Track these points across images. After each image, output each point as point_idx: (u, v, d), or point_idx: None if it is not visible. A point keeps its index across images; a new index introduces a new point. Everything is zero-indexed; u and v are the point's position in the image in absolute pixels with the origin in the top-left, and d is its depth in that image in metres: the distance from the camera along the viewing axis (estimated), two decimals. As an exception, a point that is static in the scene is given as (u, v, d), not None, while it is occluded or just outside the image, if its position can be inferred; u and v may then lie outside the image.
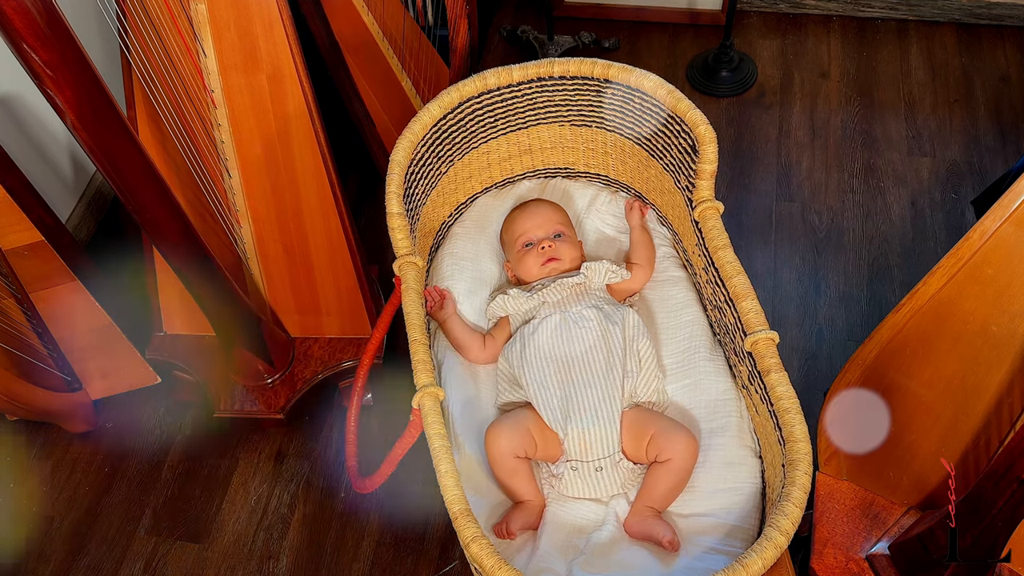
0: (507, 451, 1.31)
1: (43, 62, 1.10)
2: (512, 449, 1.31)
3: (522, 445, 1.32)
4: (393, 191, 1.44)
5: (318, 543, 1.76)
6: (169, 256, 1.51)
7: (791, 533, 1.09)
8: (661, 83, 1.47)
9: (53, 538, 1.80)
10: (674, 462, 1.29)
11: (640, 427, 1.33)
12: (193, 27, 1.64)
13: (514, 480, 1.32)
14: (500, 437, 1.32)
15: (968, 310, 1.37)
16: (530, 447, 1.33)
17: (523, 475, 1.32)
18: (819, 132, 2.37)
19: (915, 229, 2.15)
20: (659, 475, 1.30)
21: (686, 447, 1.29)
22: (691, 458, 1.30)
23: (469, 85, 1.53)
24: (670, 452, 1.29)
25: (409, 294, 1.38)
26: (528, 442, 1.33)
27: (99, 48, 2.12)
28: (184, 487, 1.85)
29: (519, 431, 1.33)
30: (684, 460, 1.29)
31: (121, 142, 1.27)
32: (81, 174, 2.23)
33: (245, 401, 1.85)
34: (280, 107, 1.70)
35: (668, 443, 1.29)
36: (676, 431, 1.31)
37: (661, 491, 1.29)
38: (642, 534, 1.27)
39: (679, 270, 1.59)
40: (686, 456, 1.29)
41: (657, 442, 1.30)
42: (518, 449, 1.31)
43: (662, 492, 1.29)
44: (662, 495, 1.29)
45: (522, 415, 1.37)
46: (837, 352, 1.95)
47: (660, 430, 1.31)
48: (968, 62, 2.49)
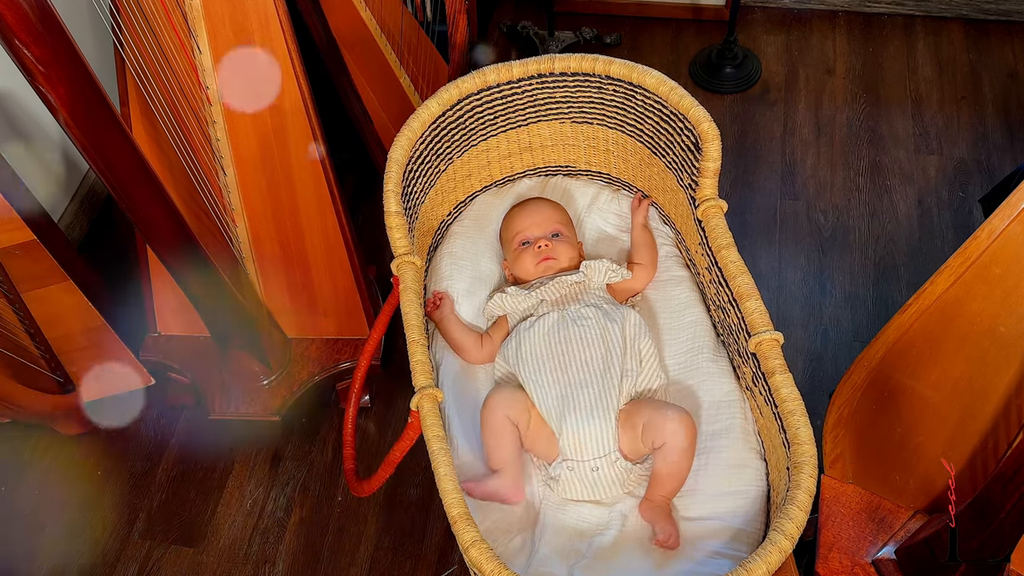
0: (499, 409, 1.33)
1: (35, 58, 1.10)
2: (505, 409, 1.33)
3: (516, 411, 1.34)
4: (391, 189, 1.44)
5: (315, 547, 1.76)
6: (163, 255, 1.51)
7: (796, 537, 1.09)
8: (664, 80, 1.47)
9: (45, 543, 1.80)
10: (668, 445, 1.29)
11: (632, 419, 1.33)
12: (188, 23, 1.64)
13: (495, 439, 1.33)
14: (498, 395, 1.35)
15: (976, 310, 1.37)
16: (523, 418, 1.34)
17: (507, 439, 1.33)
18: (824, 129, 2.37)
19: (922, 228, 2.15)
20: (658, 463, 1.30)
21: (676, 427, 1.29)
22: (685, 436, 1.29)
23: (468, 82, 1.53)
24: (663, 436, 1.29)
25: (407, 294, 1.38)
26: (522, 412, 1.34)
27: (92, 44, 2.12)
28: (179, 490, 1.85)
29: (518, 400, 1.35)
30: (677, 440, 1.28)
31: (114, 140, 1.27)
32: (74, 172, 2.23)
33: (240, 403, 1.85)
34: (276, 104, 1.70)
35: (659, 429, 1.29)
36: (665, 413, 1.31)
37: (664, 478, 1.30)
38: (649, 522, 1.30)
39: (682, 270, 1.59)
40: (678, 435, 1.28)
41: (649, 431, 1.30)
42: (511, 411, 1.33)
43: (665, 479, 1.30)
44: (667, 482, 1.30)
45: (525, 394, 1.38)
46: (842, 353, 1.95)
47: (650, 417, 1.31)
48: (976, 58, 2.49)
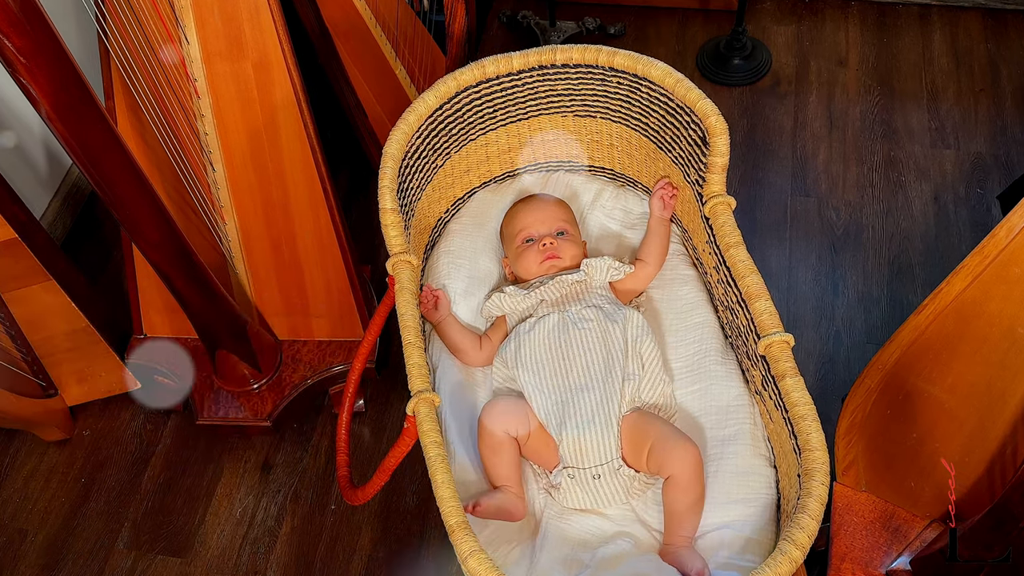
0: (497, 425, 1.32)
1: (16, 49, 1.10)
2: (503, 424, 1.32)
3: (515, 424, 1.33)
4: (386, 186, 1.44)
5: (307, 558, 1.76)
6: (149, 254, 1.51)
7: (807, 547, 1.08)
8: (670, 71, 1.47)
9: (27, 552, 1.80)
10: (676, 478, 1.27)
11: (639, 434, 1.33)
12: (175, 12, 1.65)
13: (496, 457, 1.32)
14: (495, 409, 1.34)
15: (994, 311, 1.37)
16: (523, 430, 1.34)
17: (507, 456, 1.32)
18: (837, 123, 2.37)
19: (938, 226, 2.15)
20: (670, 498, 1.28)
21: (684, 459, 1.27)
22: (693, 470, 1.27)
23: (467, 74, 1.53)
24: (670, 468, 1.27)
25: (403, 295, 1.38)
26: (522, 424, 1.34)
27: (76, 35, 2.12)
28: (165, 499, 1.86)
29: (516, 412, 1.35)
30: (686, 473, 1.27)
31: (99, 134, 1.27)
32: (56, 168, 2.23)
33: (230, 408, 1.85)
34: (267, 97, 1.70)
35: (667, 458, 1.28)
36: (674, 442, 1.29)
37: (680, 516, 1.27)
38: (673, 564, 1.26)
39: (688, 269, 1.59)
40: (686, 469, 1.27)
41: (656, 456, 1.29)
42: (509, 426, 1.33)
43: (681, 516, 1.28)
44: (685, 519, 1.28)
45: (524, 402, 1.38)
46: (855, 356, 1.95)
47: (657, 440, 1.30)
48: (994, 49, 2.49)
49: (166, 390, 1.93)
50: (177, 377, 1.88)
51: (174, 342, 1.91)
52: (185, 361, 1.89)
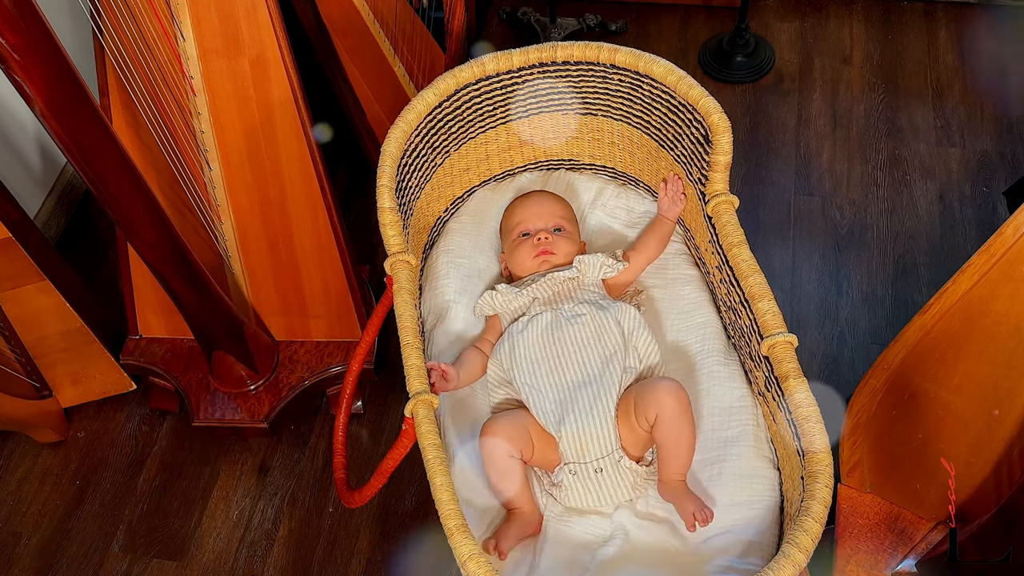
0: (501, 450, 1.32)
1: (10, 45, 1.10)
2: (507, 448, 1.32)
3: (518, 445, 1.33)
4: (384, 184, 1.44)
5: (304, 561, 1.76)
6: (144, 254, 1.51)
7: (811, 550, 1.09)
8: (672, 69, 1.47)
9: (20, 555, 1.80)
10: (662, 416, 1.29)
11: (626, 407, 1.34)
12: (171, 9, 1.64)
13: (505, 481, 1.32)
14: (495, 434, 1.33)
15: (1001, 310, 1.36)
16: (526, 448, 1.34)
17: (516, 478, 1.32)
18: (841, 121, 2.37)
19: (944, 224, 2.15)
20: (658, 439, 1.31)
21: (667, 392, 1.30)
22: (675, 401, 1.29)
23: (466, 71, 1.53)
24: (655, 406, 1.29)
25: (401, 295, 1.38)
26: (525, 442, 1.34)
27: (70, 32, 2.12)
28: (161, 501, 1.86)
29: (516, 430, 1.34)
30: (669, 406, 1.29)
31: (93, 132, 1.27)
32: (51, 166, 2.23)
33: (226, 409, 1.85)
34: (264, 94, 1.70)
35: (651, 399, 1.30)
36: (654, 383, 1.33)
37: (669, 453, 1.30)
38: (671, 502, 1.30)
39: (691, 268, 1.59)
40: (669, 401, 1.29)
41: (640, 409, 1.31)
42: (513, 449, 1.32)
43: (671, 454, 1.30)
44: (674, 457, 1.30)
45: (520, 415, 1.38)
46: (860, 356, 1.95)
47: (638, 395, 1.32)
48: (999, 46, 2.49)
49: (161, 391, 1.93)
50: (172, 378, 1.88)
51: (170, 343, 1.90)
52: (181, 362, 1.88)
